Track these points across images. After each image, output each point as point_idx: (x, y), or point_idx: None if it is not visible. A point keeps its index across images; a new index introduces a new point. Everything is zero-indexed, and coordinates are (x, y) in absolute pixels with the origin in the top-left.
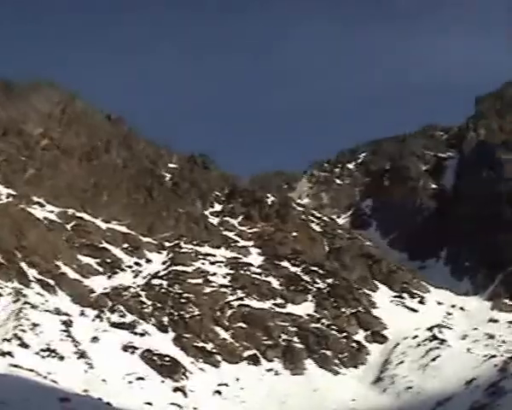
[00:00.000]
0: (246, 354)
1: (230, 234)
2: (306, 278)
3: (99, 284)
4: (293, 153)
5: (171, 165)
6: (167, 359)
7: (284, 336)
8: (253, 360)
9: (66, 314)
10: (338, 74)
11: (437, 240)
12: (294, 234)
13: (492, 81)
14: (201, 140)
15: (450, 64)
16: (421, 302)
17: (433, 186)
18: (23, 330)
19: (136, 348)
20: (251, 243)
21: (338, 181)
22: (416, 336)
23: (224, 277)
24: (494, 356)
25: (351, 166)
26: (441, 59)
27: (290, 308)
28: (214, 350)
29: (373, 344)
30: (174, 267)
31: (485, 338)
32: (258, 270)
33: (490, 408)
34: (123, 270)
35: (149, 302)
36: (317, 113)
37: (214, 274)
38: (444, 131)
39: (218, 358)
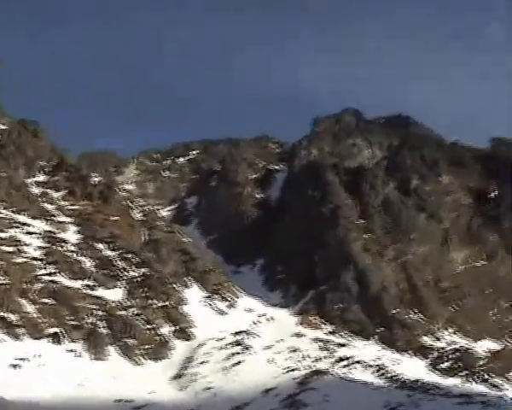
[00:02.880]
0: (49, 331)
1: (50, 207)
2: (121, 264)
3: None
4: (127, 138)
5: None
6: None
7: (90, 319)
8: (56, 339)
9: None
10: (188, 67)
11: (255, 249)
12: (115, 218)
13: (333, 106)
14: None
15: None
16: (230, 306)
17: (259, 196)
18: None
19: None
20: (70, 220)
21: (166, 173)
22: (222, 339)
23: (37, 249)
24: (295, 369)
25: (181, 160)
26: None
27: (100, 292)
28: (17, 323)
29: (178, 340)
30: None
31: (289, 351)
32: (74, 248)
33: None
34: None
35: None
36: (158, 101)
37: (28, 245)
38: (278, 144)
39: (20, 331)
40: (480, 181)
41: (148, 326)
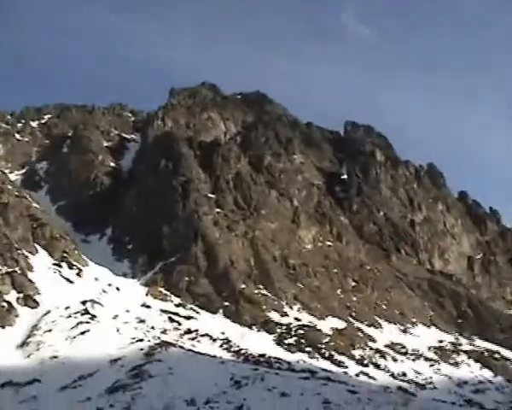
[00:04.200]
0: None
1: None
2: None
3: None
4: None
5: None
6: None
7: None
8: None
9: None
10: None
11: (105, 217)
12: None
13: (191, 78)
14: None
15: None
16: (78, 275)
17: (112, 164)
18: None
19: None
20: None
21: (18, 136)
22: (68, 307)
23: None
24: (141, 340)
25: (34, 124)
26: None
27: None
28: None
29: (24, 307)
30: None
31: (136, 321)
32: None
33: (131, 389)
34: None
35: None
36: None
37: None
38: (132, 113)
39: None
40: (331, 163)
41: None
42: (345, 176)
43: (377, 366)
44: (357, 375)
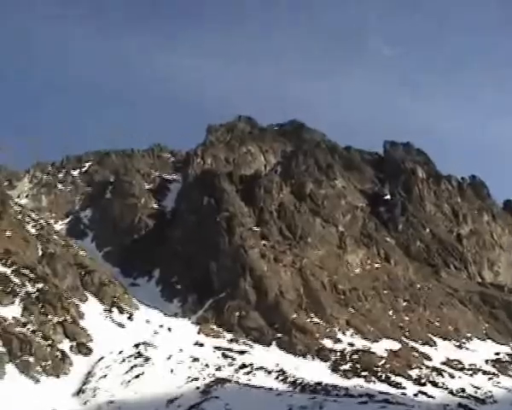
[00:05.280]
0: None
1: None
2: (16, 279)
3: None
4: (18, 150)
5: None
6: None
7: None
8: None
9: None
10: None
11: (151, 259)
12: (8, 233)
13: (226, 113)
14: None
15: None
16: (129, 318)
17: (154, 206)
18: None
19: None
20: None
21: (60, 186)
22: (122, 352)
23: None
24: (197, 379)
25: (75, 173)
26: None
27: None
28: None
29: (77, 355)
30: None
31: (190, 360)
32: None
33: None
34: None
35: None
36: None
37: None
38: (172, 153)
39: None
40: (373, 184)
41: (46, 342)
42: (388, 196)
43: (435, 385)
44: (415, 395)
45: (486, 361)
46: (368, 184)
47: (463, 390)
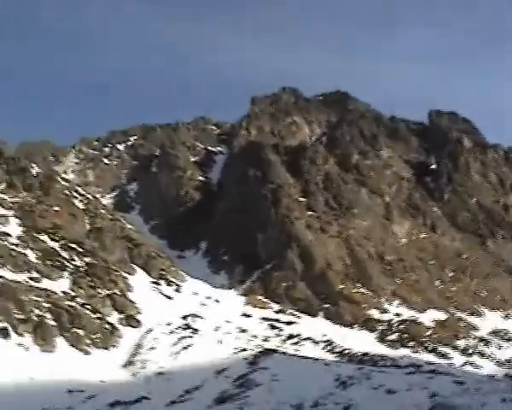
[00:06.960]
0: None
1: None
2: (64, 254)
3: None
4: (63, 126)
5: None
6: None
7: (37, 312)
8: (3, 334)
9: None
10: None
11: (198, 232)
12: (56, 208)
13: (269, 84)
14: None
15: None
16: (177, 291)
17: (200, 178)
18: None
19: None
20: (11, 213)
21: (106, 161)
22: (170, 324)
23: None
24: (244, 350)
25: (120, 147)
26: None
27: (45, 283)
28: None
29: (126, 328)
30: None
31: (237, 331)
32: (16, 241)
33: (238, 398)
34: None
35: None
36: (93, 88)
37: None
38: (216, 126)
39: None
40: (419, 154)
41: (95, 315)
42: (433, 166)
43: (482, 355)
44: (462, 365)
45: None
46: (413, 154)
47: (510, 361)
